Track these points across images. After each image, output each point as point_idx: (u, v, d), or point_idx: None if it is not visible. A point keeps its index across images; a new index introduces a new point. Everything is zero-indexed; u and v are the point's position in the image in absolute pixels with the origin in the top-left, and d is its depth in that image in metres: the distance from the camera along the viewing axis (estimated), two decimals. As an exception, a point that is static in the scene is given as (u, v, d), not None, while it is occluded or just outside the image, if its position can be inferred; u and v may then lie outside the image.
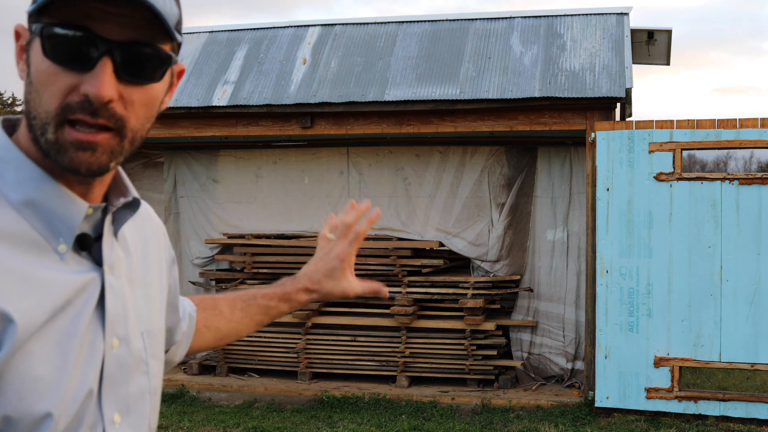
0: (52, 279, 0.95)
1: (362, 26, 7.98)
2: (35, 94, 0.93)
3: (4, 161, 0.96)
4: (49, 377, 0.93)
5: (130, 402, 1.06)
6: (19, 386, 0.91)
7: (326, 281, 1.44)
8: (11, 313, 0.89)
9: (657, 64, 9.14)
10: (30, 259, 0.94)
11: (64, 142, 0.92)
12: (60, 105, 0.92)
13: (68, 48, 0.91)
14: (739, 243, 6.17)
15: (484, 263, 7.76)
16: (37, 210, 0.96)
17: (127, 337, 1.05)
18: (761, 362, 6.12)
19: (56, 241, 0.97)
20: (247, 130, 7.62)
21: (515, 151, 7.83)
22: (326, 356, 7.77)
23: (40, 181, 0.96)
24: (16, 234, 0.94)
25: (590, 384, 6.64)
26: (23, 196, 0.95)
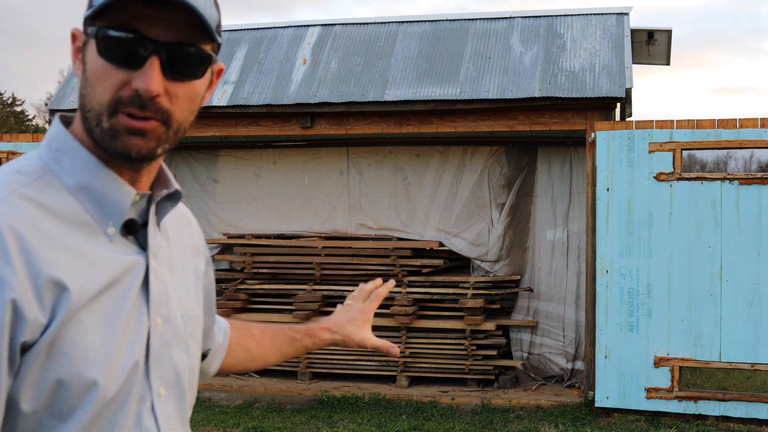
0: (103, 256, 1.05)
1: (362, 26, 7.98)
2: (90, 89, 1.04)
3: (62, 151, 1.07)
4: (98, 346, 1.01)
5: (174, 377, 1.14)
6: (72, 353, 0.99)
7: (348, 326, 1.58)
8: (67, 283, 0.99)
9: (657, 64, 9.14)
10: (83, 237, 1.04)
11: (119, 127, 1.02)
12: (113, 98, 1.02)
13: (120, 48, 1.01)
14: (739, 243, 6.17)
15: (484, 263, 7.76)
16: (89, 194, 1.06)
17: (169, 317, 1.14)
18: (761, 362, 6.12)
19: (106, 224, 1.07)
20: (247, 130, 7.62)
21: (515, 151, 7.83)
22: (326, 356, 7.77)
23: (94, 168, 1.06)
24: (71, 214, 1.04)
25: (590, 384, 6.64)
26: (78, 181, 1.06)
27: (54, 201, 1.03)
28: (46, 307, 0.97)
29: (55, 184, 1.04)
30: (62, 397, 0.99)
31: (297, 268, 7.98)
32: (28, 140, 7.69)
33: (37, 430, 0.99)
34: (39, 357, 0.97)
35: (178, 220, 1.25)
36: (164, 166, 1.17)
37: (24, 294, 0.95)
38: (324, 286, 7.87)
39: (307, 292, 7.82)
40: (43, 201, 1.02)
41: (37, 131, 29.75)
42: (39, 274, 0.97)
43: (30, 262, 0.97)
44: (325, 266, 7.89)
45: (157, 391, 1.10)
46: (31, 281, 0.96)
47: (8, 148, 7.61)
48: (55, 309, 0.98)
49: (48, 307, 0.97)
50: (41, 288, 0.97)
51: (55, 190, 1.04)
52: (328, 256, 7.91)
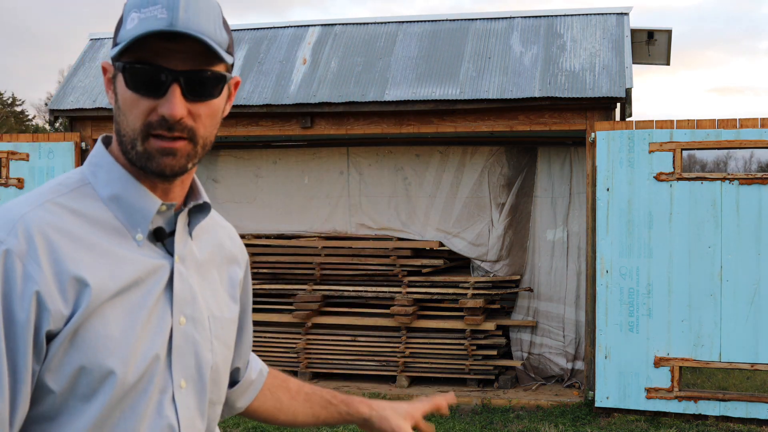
0: (127, 257, 1.17)
1: (362, 26, 7.98)
2: (123, 117, 1.18)
3: (99, 166, 1.22)
4: (118, 338, 1.13)
5: (195, 372, 1.24)
6: (94, 342, 1.11)
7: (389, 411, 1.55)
8: (87, 279, 1.11)
9: (657, 64, 9.14)
10: (111, 240, 1.16)
11: (152, 150, 1.16)
12: (143, 123, 1.16)
13: (145, 80, 1.15)
14: (739, 243, 6.17)
15: (484, 263, 7.76)
16: (120, 204, 1.19)
17: (194, 317, 1.24)
18: (761, 362, 6.12)
19: (135, 231, 1.20)
20: (247, 130, 7.62)
21: (515, 151, 7.83)
22: (326, 356, 7.77)
23: (125, 181, 1.20)
24: (102, 220, 1.17)
25: (590, 384, 6.64)
26: (110, 192, 1.20)
27: (87, 208, 1.17)
28: (68, 300, 1.09)
29: (91, 194, 1.19)
30: (84, 381, 1.11)
31: (297, 268, 7.98)
32: (28, 140, 7.69)
33: (63, 409, 1.12)
34: (63, 344, 1.09)
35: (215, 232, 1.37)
36: (196, 181, 1.31)
37: (48, 288, 1.08)
38: (324, 286, 7.86)
39: (307, 292, 7.82)
40: (77, 208, 1.16)
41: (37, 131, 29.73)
42: (63, 271, 1.10)
43: (56, 260, 1.10)
44: (325, 266, 7.89)
45: (178, 383, 1.20)
46: (56, 277, 1.09)
47: (8, 148, 7.61)
48: (77, 302, 1.10)
49: (71, 301, 1.09)
50: (65, 284, 1.09)
51: (90, 199, 1.18)
52: (328, 256, 7.91)
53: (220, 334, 1.31)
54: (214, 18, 1.18)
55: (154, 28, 1.12)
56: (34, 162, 7.55)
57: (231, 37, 1.23)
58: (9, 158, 7.58)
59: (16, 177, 7.56)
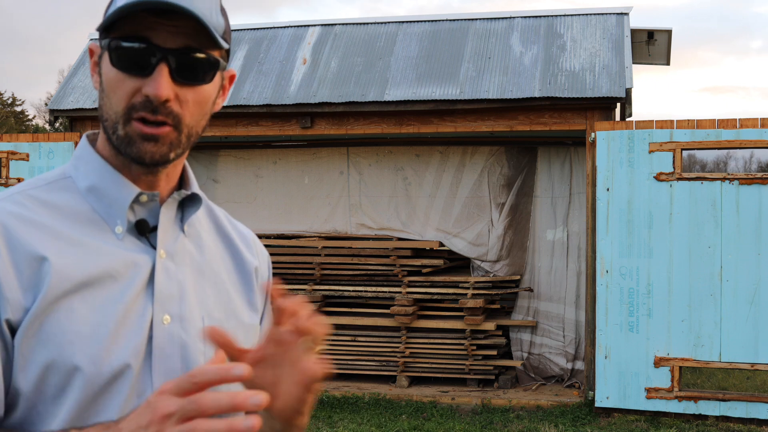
0: (102, 249, 1.08)
1: (362, 26, 7.98)
2: (106, 99, 1.10)
3: (80, 158, 1.16)
4: (86, 333, 1.03)
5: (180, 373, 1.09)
6: (60, 336, 1.02)
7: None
8: (49, 260, 1.03)
9: (657, 64, 9.14)
10: (84, 232, 1.09)
11: (133, 134, 1.08)
12: (126, 105, 1.08)
13: (131, 57, 1.07)
14: (739, 243, 6.17)
15: (484, 263, 7.76)
16: (98, 194, 1.12)
17: (182, 316, 1.13)
18: (761, 362, 6.12)
19: (114, 223, 1.11)
20: (247, 130, 7.62)
21: (515, 151, 7.83)
22: (326, 356, 7.75)
23: (103, 171, 1.13)
24: (77, 212, 1.11)
25: (590, 384, 6.64)
26: (88, 183, 1.13)
27: (62, 200, 1.11)
28: (27, 287, 1.02)
29: (70, 187, 1.13)
30: (52, 380, 1.02)
31: (297, 268, 7.98)
32: (28, 140, 7.69)
33: (32, 411, 1.03)
34: (28, 338, 1.01)
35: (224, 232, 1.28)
36: (189, 173, 1.21)
37: (6, 276, 1.01)
38: (324, 286, 7.86)
39: (307, 292, 7.82)
40: (50, 199, 1.10)
41: (37, 131, 29.74)
42: (21, 256, 1.03)
43: (14, 246, 1.03)
44: (325, 266, 7.89)
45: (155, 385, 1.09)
46: (13, 263, 1.02)
47: (8, 148, 7.61)
48: (36, 287, 1.02)
49: (29, 287, 1.02)
50: (22, 268, 1.02)
51: (68, 192, 1.12)
52: (328, 256, 7.91)
53: None
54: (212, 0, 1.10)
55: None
56: (34, 162, 7.55)
57: (228, 25, 1.15)
58: (9, 158, 7.58)
59: (16, 177, 7.56)
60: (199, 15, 1.05)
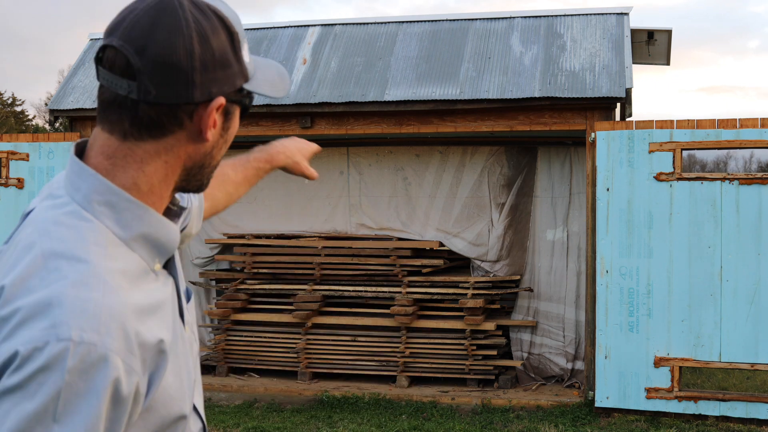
0: (163, 299, 1.10)
1: (362, 26, 7.98)
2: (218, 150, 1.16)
3: (111, 205, 1.06)
4: (176, 385, 1.08)
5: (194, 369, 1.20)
6: (164, 400, 1.05)
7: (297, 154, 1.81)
8: (162, 337, 1.04)
9: (657, 64, 9.14)
10: (147, 286, 1.07)
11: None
12: None
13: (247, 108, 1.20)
14: (739, 243, 6.17)
15: (484, 263, 7.76)
16: (145, 242, 1.09)
17: (191, 322, 1.21)
18: (761, 362, 6.12)
19: (153, 262, 1.10)
20: (247, 130, 7.62)
21: (515, 151, 7.83)
22: (326, 356, 7.77)
23: (145, 216, 1.09)
24: (136, 269, 1.06)
25: (590, 384, 6.64)
26: (135, 232, 1.07)
27: (124, 263, 1.05)
28: (147, 372, 1.02)
29: (115, 241, 1.05)
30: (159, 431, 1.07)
31: (297, 268, 7.98)
32: (28, 140, 7.69)
33: None
34: (142, 414, 1.03)
35: None
36: None
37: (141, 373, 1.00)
38: (324, 286, 7.86)
39: (307, 292, 7.82)
40: (121, 268, 1.04)
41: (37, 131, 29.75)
42: (146, 348, 1.01)
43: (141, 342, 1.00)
44: (325, 266, 7.89)
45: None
46: (142, 357, 1.00)
47: (8, 148, 7.61)
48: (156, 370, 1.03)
49: (150, 370, 1.02)
50: (147, 359, 1.01)
51: (117, 248, 1.05)
52: (328, 256, 7.91)
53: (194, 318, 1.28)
54: None
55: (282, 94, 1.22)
56: (34, 162, 7.55)
57: None
58: (9, 158, 7.58)
59: (16, 177, 7.56)
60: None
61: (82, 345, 0.92)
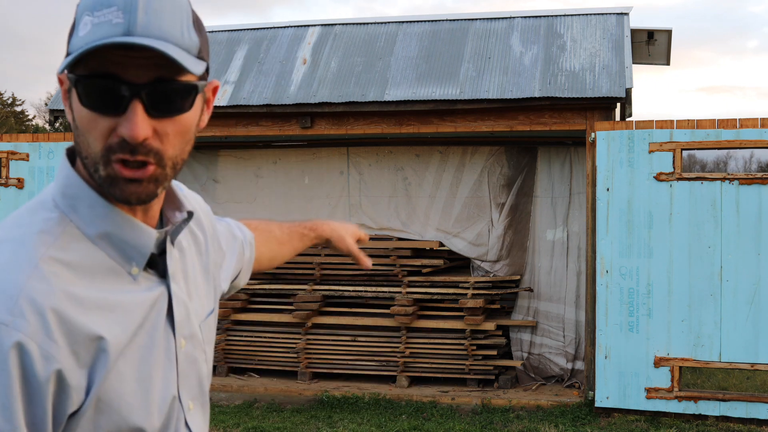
0: (131, 301, 1.06)
1: (362, 26, 7.98)
2: (81, 138, 1.03)
3: (77, 199, 1.06)
4: (138, 391, 1.04)
5: (198, 389, 1.18)
6: (117, 404, 1.02)
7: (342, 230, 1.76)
8: (105, 336, 1.00)
9: (657, 64, 9.14)
10: (110, 285, 1.04)
11: (115, 176, 1.01)
12: (103, 147, 1.01)
13: (101, 96, 0.99)
14: (739, 243, 6.17)
15: (484, 263, 7.76)
16: (111, 241, 1.06)
17: (192, 335, 1.16)
18: (761, 362, 6.12)
19: (129, 265, 1.07)
20: (247, 130, 7.62)
21: (515, 151, 7.83)
22: (326, 356, 7.77)
23: (113, 216, 1.06)
24: (96, 265, 1.04)
25: (590, 384, 6.64)
26: (98, 230, 1.05)
27: (79, 256, 1.03)
28: (86, 367, 0.99)
29: (76, 235, 1.04)
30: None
31: (297, 268, 7.98)
32: (28, 140, 7.69)
33: None
34: (87, 413, 1.00)
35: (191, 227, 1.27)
36: (174, 188, 1.18)
37: (68, 363, 0.97)
38: (324, 286, 7.86)
39: (307, 292, 7.82)
40: (71, 259, 1.02)
41: (37, 131, 29.75)
42: (79, 340, 0.98)
43: (70, 331, 0.98)
44: (325, 266, 7.89)
45: (187, 407, 1.15)
46: (71, 348, 0.97)
47: (8, 148, 7.61)
48: (95, 367, 1.00)
49: (88, 367, 0.99)
50: (81, 352, 0.98)
51: (78, 242, 1.04)
52: (328, 256, 7.91)
53: (210, 337, 1.24)
54: (181, 18, 1.01)
55: (108, 39, 0.95)
56: (34, 162, 7.55)
57: (204, 38, 1.07)
58: (9, 158, 7.58)
59: (16, 177, 7.56)
60: (168, 49, 0.97)
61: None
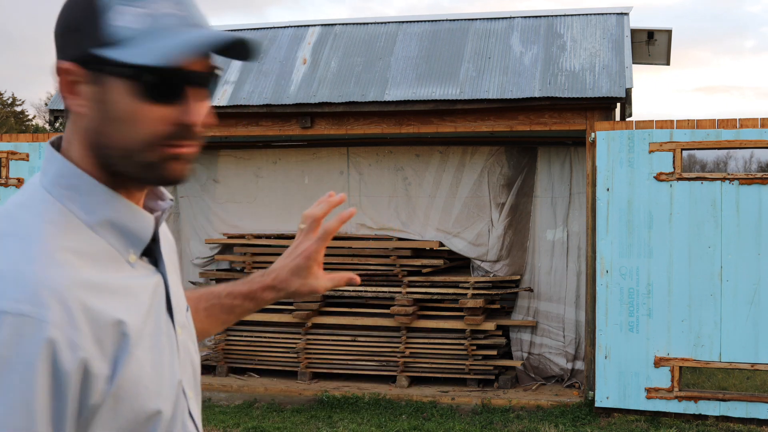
0: (137, 285, 1.06)
1: (362, 26, 7.98)
2: (116, 129, 1.01)
3: (75, 188, 1.04)
4: (153, 376, 1.04)
5: (193, 378, 1.18)
6: (136, 390, 1.01)
7: (293, 280, 1.41)
8: (123, 319, 1.00)
9: (657, 64, 9.14)
10: (116, 273, 1.04)
11: (160, 159, 1.03)
12: (157, 134, 1.02)
13: (164, 87, 1.01)
14: (739, 243, 6.17)
15: (484, 263, 7.76)
16: (113, 228, 1.05)
17: (184, 324, 1.16)
18: (761, 362, 6.12)
19: (127, 253, 1.07)
20: (247, 130, 7.62)
21: (515, 151, 7.83)
22: (326, 356, 7.77)
23: (114, 202, 1.05)
24: (99, 253, 1.03)
25: (590, 384, 6.64)
26: (99, 218, 1.04)
27: (84, 244, 1.02)
28: (109, 356, 0.98)
29: (77, 224, 1.03)
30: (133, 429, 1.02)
31: (297, 268, 7.97)
32: (28, 140, 7.69)
33: None
34: (108, 402, 0.98)
35: None
36: None
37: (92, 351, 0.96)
38: (324, 286, 7.85)
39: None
40: (78, 248, 1.01)
41: (37, 131, 29.74)
42: (101, 326, 0.97)
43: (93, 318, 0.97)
44: (325, 266, 7.75)
45: (189, 396, 1.14)
46: (95, 336, 0.96)
47: (8, 148, 7.61)
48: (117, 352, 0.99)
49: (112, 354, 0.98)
50: (104, 339, 0.97)
51: (80, 232, 1.03)
52: (328, 256, 7.89)
53: (194, 327, 1.24)
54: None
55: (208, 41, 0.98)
56: (34, 162, 7.55)
57: None
58: (9, 158, 7.58)
59: (16, 177, 7.56)
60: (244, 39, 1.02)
61: (15, 316, 0.90)
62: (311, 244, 1.41)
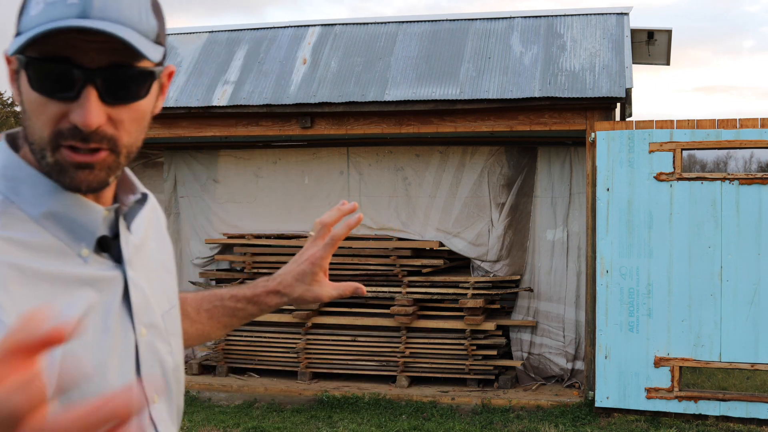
0: (78, 279, 1.00)
1: (362, 26, 7.98)
2: (29, 122, 0.98)
3: (18, 180, 1.01)
4: (93, 375, 0.99)
5: (162, 381, 1.13)
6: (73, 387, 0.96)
7: (297, 285, 1.39)
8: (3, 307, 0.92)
9: (657, 64, 9.14)
10: (57, 264, 0.99)
11: (63, 163, 0.97)
12: (52, 132, 0.96)
13: (53, 80, 0.94)
14: (739, 243, 6.17)
15: (484, 263, 7.76)
16: (57, 220, 1.01)
17: (152, 324, 1.11)
18: (761, 362, 6.12)
19: (78, 247, 1.02)
20: (247, 130, 7.62)
21: (515, 151, 7.83)
22: (326, 356, 7.77)
23: (56, 193, 1.00)
24: (41, 244, 0.99)
25: (590, 384, 6.64)
26: (42, 210, 1.00)
27: (25, 235, 0.97)
28: None
29: (20, 215, 0.99)
30: None
31: (297, 268, 7.97)
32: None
33: None
34: None
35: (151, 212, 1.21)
36: (126, 170, 1.13)
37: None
38: (324, 286, 7.85)
39: (307, 292, 7.81)
40: (13, 236, 0.96)
41: (37, 131, 29.73)
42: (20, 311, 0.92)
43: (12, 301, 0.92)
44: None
45: (151, 400, 1.10)
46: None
47: (8, 148, 7.60)
48: None
49: None
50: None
51: (21, 222, 0.98)
52: (328, 256, 7.90)
53: (175, 329, 1.19)
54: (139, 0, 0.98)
55: (62, 22, 0.91)
56: (34, 162, 7.55)
57: (162, 22, 1.03)
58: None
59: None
60: (125, 34, 0.93)
61: None
62: (317, 250, 1.41)
